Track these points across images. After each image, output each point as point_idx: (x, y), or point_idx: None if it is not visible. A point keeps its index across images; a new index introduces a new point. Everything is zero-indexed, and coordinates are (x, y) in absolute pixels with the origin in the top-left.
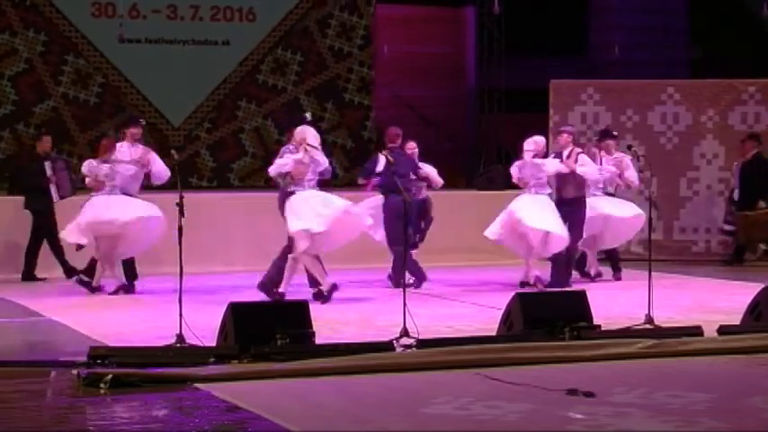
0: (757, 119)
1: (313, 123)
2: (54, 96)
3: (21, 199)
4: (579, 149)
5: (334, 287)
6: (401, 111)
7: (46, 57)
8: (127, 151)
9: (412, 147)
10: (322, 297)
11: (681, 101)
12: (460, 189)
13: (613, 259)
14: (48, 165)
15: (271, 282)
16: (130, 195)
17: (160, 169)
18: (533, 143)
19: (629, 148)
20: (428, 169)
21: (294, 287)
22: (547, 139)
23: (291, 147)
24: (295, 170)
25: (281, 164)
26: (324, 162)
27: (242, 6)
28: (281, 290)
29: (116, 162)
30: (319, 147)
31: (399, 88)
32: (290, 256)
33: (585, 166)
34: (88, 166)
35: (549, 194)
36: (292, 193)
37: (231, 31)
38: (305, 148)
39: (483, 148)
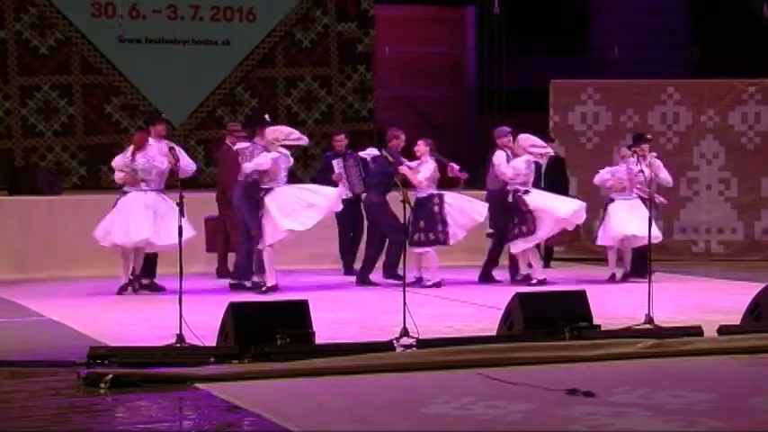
0: (757, 119)
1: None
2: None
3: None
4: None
5: (274, 288)
6: (401, 111)
7: None
8: (155, 147)
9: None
10: (239, 286)
11: (681, 101)
12: (461, 189)
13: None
14: (337, 162)
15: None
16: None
17: (187, 163)
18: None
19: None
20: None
21: (300, 285)
22: (547, 138)
23: (260, 146)
24: (273, 168)
25: (259, 162)
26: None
27: (242, 6)
28: (270, 283)
29: (151, 157)
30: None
31: (399, 88)
32: (261, 247)
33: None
34: (123, 160)
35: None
36: (270, 189)
37: (231, 31)
38: (278, 148)
39: (483, 147)
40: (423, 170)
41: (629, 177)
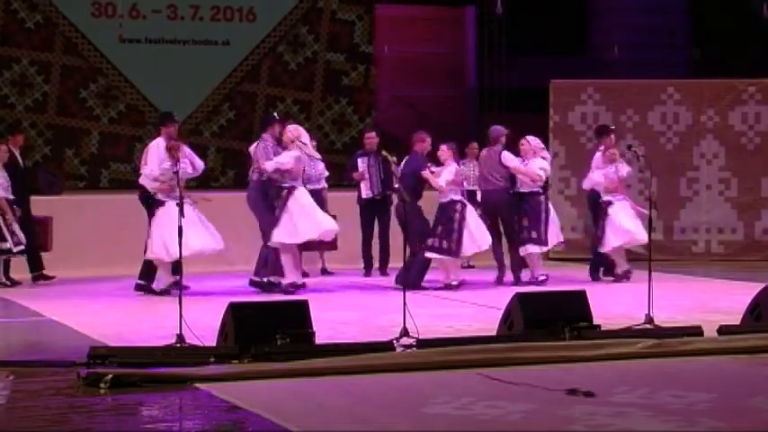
0: (757, 119)
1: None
2: None
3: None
4: None
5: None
6: (401, 111)
7: None
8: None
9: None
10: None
11: (681, 101)
12: None
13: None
14: (362, 160)
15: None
16: None
17: (198, 163)
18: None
19: (629, 147)
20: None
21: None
22: (547, 138)
23: (270, 144)
24: (295, 167)
25: (281, 161)
26: (318, 158)
27: (242, 6)
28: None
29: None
30: (309, 144)
31: (399, 88)
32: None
33: None
34: (166, 169)
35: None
36: (293, 188)
37: (231, 31)
38: (299, 146)
39: (483, 147)
40: (444, 174)
41: (618, 178)
